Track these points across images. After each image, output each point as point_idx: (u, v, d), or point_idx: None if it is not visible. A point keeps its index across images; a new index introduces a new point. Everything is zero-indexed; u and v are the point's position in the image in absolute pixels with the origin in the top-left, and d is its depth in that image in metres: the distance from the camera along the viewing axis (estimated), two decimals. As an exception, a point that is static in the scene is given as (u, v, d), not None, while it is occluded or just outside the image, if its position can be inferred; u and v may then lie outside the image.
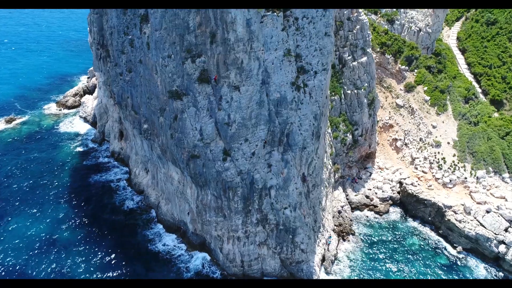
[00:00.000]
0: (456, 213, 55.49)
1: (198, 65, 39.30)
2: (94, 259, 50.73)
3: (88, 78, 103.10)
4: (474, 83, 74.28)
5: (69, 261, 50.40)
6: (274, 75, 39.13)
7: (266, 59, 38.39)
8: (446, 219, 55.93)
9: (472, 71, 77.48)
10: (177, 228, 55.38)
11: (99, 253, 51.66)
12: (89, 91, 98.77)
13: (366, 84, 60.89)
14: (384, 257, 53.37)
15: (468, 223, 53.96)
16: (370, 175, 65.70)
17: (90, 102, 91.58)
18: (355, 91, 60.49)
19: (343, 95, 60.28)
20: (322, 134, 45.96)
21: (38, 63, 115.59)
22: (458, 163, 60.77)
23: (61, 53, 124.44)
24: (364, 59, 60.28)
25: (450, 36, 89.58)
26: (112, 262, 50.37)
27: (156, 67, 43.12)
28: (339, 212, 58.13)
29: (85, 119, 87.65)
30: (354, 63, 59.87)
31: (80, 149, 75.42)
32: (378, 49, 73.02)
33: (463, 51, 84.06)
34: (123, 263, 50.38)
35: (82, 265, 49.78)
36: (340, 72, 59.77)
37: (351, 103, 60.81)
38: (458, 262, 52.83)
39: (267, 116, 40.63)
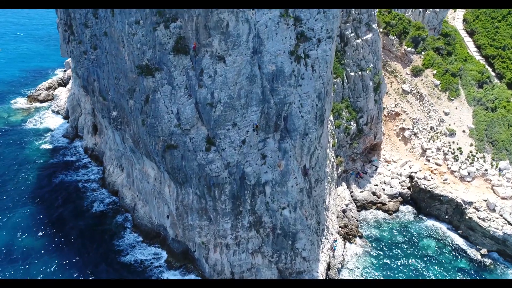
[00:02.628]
0: (478, 210, 48.28)
1: (173, 32, 31.36)
2: (56, 270, 42.71)
3: (65, 71, 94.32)
4: (487, 66, 67.34)
5: (28, 272, 42.32)
6: (268, 42, 31.31)
7: (257, 21, 30.55)
8: (466, 217, 48.69)
9: (484, 53, 70.60)
10: (156, 234, 47.34)
11: (62, 264, 43.63)
12: (64, 83, 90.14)
13: (371, 65, 53.43)
14: (397, 262, 46.03)
15: (494, 221, 46.74)
16: (376, 169, 58.31)
17: (63, 95, 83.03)
18: (359, 73, 52.96)
19: (345, 78, 52.71)
20: (326, 119, 38.29)
21: (12, 56, 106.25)
22: (477, 153, 53.61)
23: (38, 47, 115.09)
24: (369, 36, 52.80)
25: (455, 18, 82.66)
26: (75, 276, 42.21)
27: (122, 38, 35.11)
28: (344, 211, 50.58)
29: (58, 113, 79.29)
30: (358, 41, 52.34)
31: (49, 146, 66.84)
32: (382, 30, 65.68)
33: (471, 34, 77.18)
34: (89, 277, 42.24)
35: (43, 277, 41.65)
36: (342, 51, 52.18)
37: (355, 87, 53.28)
38: (483, 267, 45.62)
39: (260, 95, 32.80)
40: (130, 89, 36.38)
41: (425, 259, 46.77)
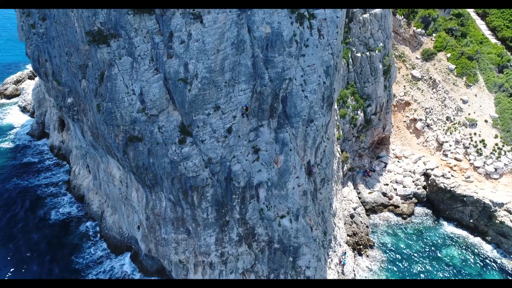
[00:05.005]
0: (511, 213, 40.88)
1: (132, -17, 23.26)
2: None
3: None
4: (505, 50, 60.13)
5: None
6: (260, -6, 23.36)
7: (246, -35, 22.63)
8: (496, 221, 41.37)
9: (500, 36, 63.26)
10: (127, 248, 39.25)
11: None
12: (34, 76, 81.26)
13: (381, 44, 45.76)
14: (416, 276, 38.60)
15: (531, 226, 39.40)
16: (385, 166, 50.79)
17: (31, 88, 74.26)
18: (367, 53, 45.27)
19: (350, 60, 44.98)
20: (335, 102, 30.40)
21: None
22: (503, 146, 46.29)
23: (9, 42, 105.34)
24: (378, 10, 45.06)
25: (464, 0, 75.48)
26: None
27: (70, -2, 26.85)
28: (352, 216, 42.86)
29: (25, 109, 70.79)
30: (365, 16, 44.62)
31: (10, 144, 58.36)
32: (388, 8, 58.04)
33: (483, 16, 69.73)
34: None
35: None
36: (346, 28, 44.39)
37: (362, 70, 45.56)
38: (520, 281, 38.22)
39: (250, 67, 24.81)
40: (82, 66, 28.15)
41: (448, 271, 39.56)
